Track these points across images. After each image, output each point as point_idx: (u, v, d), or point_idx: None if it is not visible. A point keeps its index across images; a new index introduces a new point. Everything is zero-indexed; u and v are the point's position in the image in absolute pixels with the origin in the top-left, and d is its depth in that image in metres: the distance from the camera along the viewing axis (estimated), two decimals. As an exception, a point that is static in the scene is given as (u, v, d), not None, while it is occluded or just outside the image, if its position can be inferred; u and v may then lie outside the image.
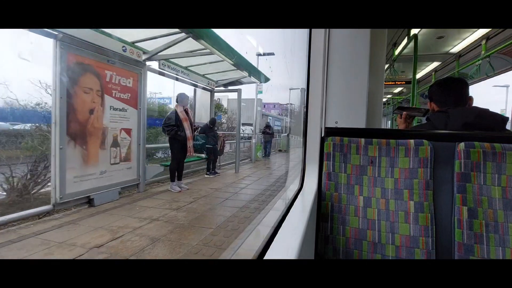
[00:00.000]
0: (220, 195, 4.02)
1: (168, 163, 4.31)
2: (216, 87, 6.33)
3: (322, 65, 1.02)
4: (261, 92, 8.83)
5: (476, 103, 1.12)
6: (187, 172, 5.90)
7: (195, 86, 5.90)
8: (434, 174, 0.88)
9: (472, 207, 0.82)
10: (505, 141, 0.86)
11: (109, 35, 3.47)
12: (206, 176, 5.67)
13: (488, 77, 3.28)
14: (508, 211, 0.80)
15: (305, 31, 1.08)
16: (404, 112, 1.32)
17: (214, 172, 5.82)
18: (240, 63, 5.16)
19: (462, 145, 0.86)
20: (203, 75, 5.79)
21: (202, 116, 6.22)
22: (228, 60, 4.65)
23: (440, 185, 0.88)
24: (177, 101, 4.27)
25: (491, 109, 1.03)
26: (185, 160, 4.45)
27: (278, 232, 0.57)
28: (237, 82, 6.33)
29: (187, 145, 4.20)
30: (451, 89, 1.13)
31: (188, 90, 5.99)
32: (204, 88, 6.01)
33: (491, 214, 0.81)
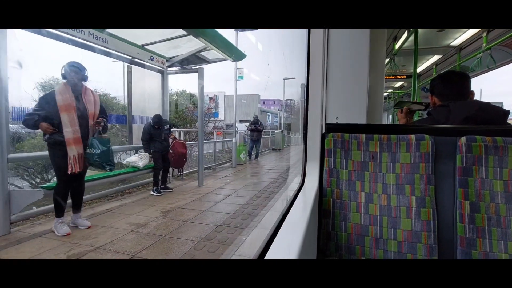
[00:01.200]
0: (128, 245, 2.21)
1: (55, 184, 2.52)
2: (169, 66, 4.50)
3: (322, 61, 1.02)
4: (241, 77, 7.01)
5: (496, 92, 0.90)
6: (134, 185, 4.13)
7: (142, 65, 4.09)
8: (435, 168, 0.88)
9: (474, 201, 0.83)
10: (507, 135, 0.86)
11: None
12: (151, 194, 3.90)
13: (489, 69, 3.24)
14: (510, 205, 0.81)
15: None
16: (405, 107, 1.32)
17: (164, 187, 4.07)
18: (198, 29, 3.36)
19: (463, 139, 0.86)
20: (141, 46, 3.93)
21: (147, 109, 4.40)
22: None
23: (442, 180, 0.88)
24: (64, 77, 2.47)
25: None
26: (85, 178, 2.65)
27: (279, 230, 0.57)
28: (200, 58, 4.50)
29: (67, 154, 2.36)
30: (453, 82, 1.14)
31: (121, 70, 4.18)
32: (137, 64, 4.01)
33: (493, 208, 0.81)
